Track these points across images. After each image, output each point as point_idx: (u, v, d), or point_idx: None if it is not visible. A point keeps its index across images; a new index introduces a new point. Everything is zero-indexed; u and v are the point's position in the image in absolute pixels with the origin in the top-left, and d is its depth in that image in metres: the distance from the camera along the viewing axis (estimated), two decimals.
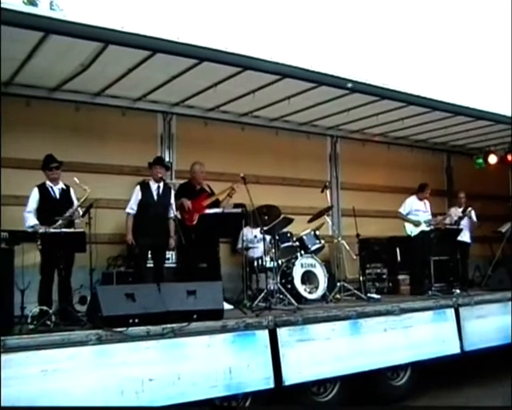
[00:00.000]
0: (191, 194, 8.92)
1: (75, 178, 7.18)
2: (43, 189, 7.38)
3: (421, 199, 10.44)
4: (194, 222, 8.63)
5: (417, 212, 10.29)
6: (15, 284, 6.09)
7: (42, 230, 6.83)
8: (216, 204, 8.86)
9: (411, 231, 10.19)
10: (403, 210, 10.34)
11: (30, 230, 7.06)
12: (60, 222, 6.97)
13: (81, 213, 7.30)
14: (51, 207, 7.23)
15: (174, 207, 8.24)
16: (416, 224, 10.12)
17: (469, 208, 11.28)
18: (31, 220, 7.15)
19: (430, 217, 10.38)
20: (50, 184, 7.44)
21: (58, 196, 7.46)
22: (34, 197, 7.30)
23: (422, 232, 10.12)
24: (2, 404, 4.86)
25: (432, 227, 10.24)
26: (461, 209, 11.48)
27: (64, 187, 7.54)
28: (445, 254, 10.74)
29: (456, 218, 11.29)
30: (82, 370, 5.40)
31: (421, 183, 10.61)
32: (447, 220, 11.16)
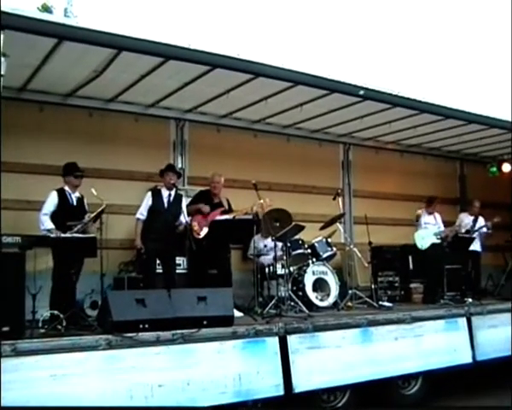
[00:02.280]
0: (207, 204, 8.86)
1: (93, 190, 7.25)
2: (62, 194, 7.50)
3: (430, 213, 10.40)
4: (201, 236, 8.55)
5: (427, 225, 10.28)
6: (27, 288, 6.12)
7: (53, 235, 6.88)
8: None
9: (422, 245, 10.14)
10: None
11: (45, 232, 7.14)
12: (76, 229, 7.06)
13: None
14: (68, 214, 7.36)
15: (186, 213, 8.23)
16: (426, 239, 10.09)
17: (482, 223, 11.22)
18: (48, 224, 7.24)
19: (442, 228, 10.32)
20: (69, 191, 7.58)
21: (75, 204, 7.59)
22: (53, 201, 7.40)
23: (433, 245, 10.07)
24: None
25: (441, 240, 10.18)
26: (472, 218, 11.38)
27: (79, 196, 7.66)
28: (458, 262, 10.66)
29: (466, 228, 11.18)
30: (91, 375, 5.42)
31: (429, 196, 10.61)
32: (456, 229, 11.10)
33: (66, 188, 7.59)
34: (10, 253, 6.15)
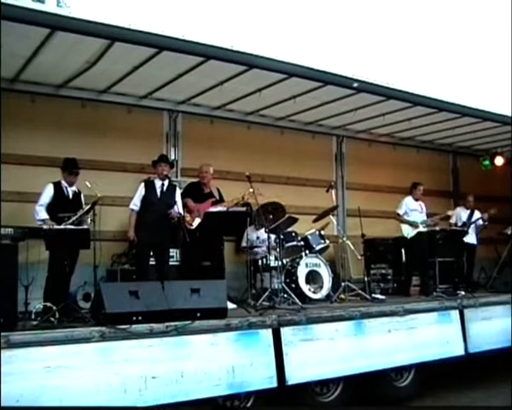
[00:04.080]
0: (198, 195, 8.89)
1: (87, 183, 7.21)
2: (58, 187, 7.50)
3: (416, 199, 10.45)
4: (194, 226, 8.57)
5: (413, 212, 10.29)
6: (19, 280, 6.10)
7: (46, 226, 6.85)
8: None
9: (408, 233, 10.18)
10: (400, 211, 10.34)
11: (39, 223, 7.13)
12: (71, 221, 7.02)
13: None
14: (63, 207, 7.33)
15: (181, 205, 8.21)
16: (414, 225, 10.11)
17: (477, 215, 11.27)
18: (42, 214, 7.25)
19: (425, 218, 10.38)
20: (65, 185, 7.57)
21: (71, 197, 7.58)
22: (49, 193, 7.40)
23: (419, 233, 10.10)
24: (4, 399, 4.87)
25: (428, 228, 10.21)
26: (468, 211, 11.43)
27: (76, 190, 7.66)
28: (451, 255, 10.68)
29: (461, 221, 11.24)
30: (85, 367, 5.40)
31: (413, 181, 10.64)
32: (452, 220, 11.16)
33: (63, 182, 7.59)
34: (2, 244, 6.14)
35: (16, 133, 8.20)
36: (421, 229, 10.14)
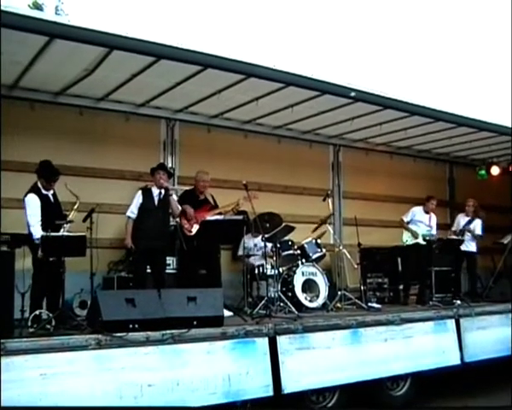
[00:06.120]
0: (194, 203, 8.87)
1: (68, 186, 7.03)
2: (41, 195, 7.10)
3: (427, 212, 10.43)
4: (193, 233, 8.58)
5: (419, 223, 10.31)
6: (16, 287, 6.08)
7: (43, 233, 6.74)
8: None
9: (406, 239, 10.22)
10: (405, 218, 10.38)
11: (37, 241, 6.73)
12: (65, 228, 6.88)
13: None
14: (50, 213, 7.04)
15: (178, 205, 8.28)
16: (414, 235, 10.13)
17: (472, 224, 11.22)
18: (40, 231, 6.77)
19: (434, 232, 10.31)
20: (45, 192, 7.19)
21: (53, 201, 7.28)
22: (38, 205, 6.98)
23: (417, 244, 10.13)
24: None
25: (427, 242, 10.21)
26: (468, 218, 11.34)
27: (52, 191, 7.32)
28: (447, 264, 10.68)
29: (459, 228, 11.21)
30: (81, 374, 5.40)
31: (428, 194, 10.65)
32: (453, 227, 11.17)
33: (41, 187, 7.17)
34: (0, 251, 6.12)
35: (15, 140, 8.21)
36: (420, 241, 10.13)
